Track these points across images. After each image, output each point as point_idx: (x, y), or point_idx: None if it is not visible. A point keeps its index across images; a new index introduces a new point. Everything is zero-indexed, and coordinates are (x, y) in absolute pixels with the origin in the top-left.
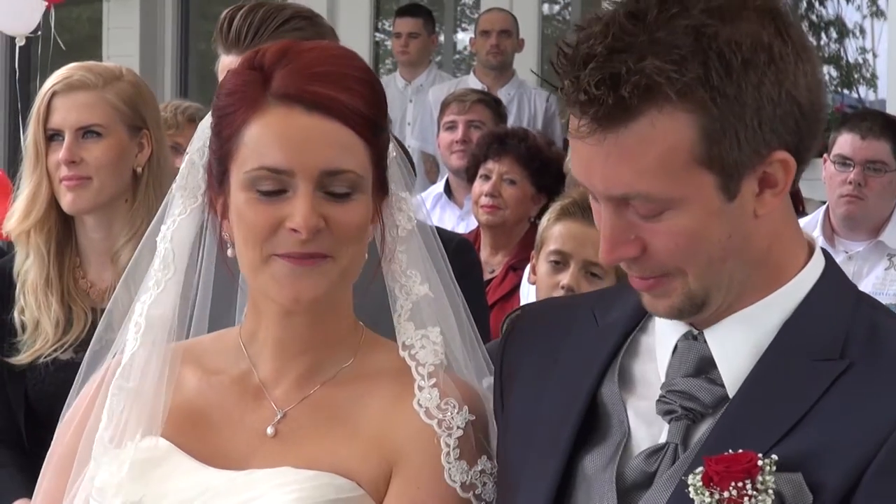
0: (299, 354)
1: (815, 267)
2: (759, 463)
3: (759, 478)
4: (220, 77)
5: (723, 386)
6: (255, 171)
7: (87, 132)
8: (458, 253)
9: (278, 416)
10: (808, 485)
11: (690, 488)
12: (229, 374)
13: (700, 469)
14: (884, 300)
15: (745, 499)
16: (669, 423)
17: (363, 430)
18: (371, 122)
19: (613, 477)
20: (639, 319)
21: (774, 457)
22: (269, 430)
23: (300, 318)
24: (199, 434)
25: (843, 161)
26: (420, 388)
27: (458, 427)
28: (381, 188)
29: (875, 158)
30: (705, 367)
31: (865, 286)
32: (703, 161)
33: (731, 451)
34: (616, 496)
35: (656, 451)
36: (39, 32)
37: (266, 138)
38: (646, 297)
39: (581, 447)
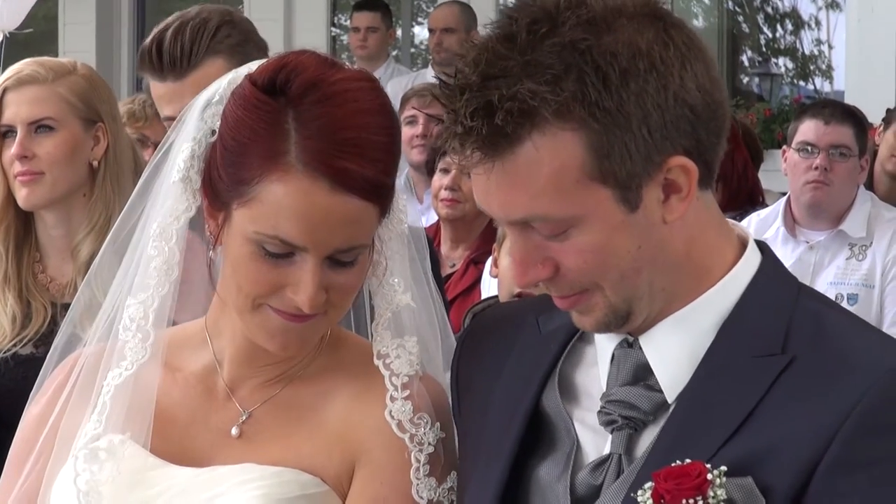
0: (270, 357)
1: (749, 263)
2: (709, 476)
3: (710, 492)
4: (159, 105)
5: (661, 392)
6: (265, 236)
7: (39, 126)
8: None
9: (243, 417)
10: (759, 487)
11: None
12: (194, 371)
13: (649, 485)
14: (845, 290)
15: None
16: (611, 433)
17: (327, 426)
18: (389, 188)
19: (568, 488)
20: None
21: (724, 468)
22: (234, 431)
23: None
24: (164, 433)
25: (808, 147)
26: (392, 399)
27: (430, 444)
28: (382, 217)
29: (839, 143)
30: (642, 373)
31: (827, 276)
32: (595, 176)
33: (677, 460)
34: None
35: (601, 464)
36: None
37: (285, 208)
38: (573, 314)
39: (530, 456)
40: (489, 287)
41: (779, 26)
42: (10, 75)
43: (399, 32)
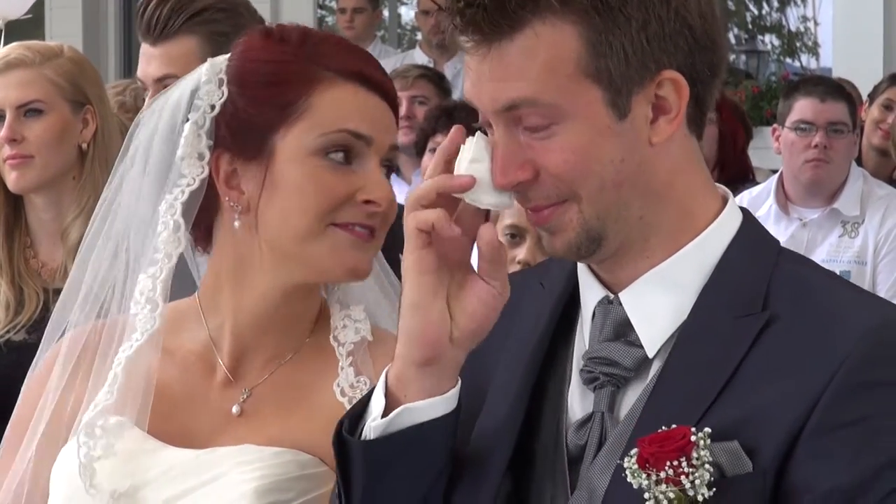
0: (270, 332)
1: (731, 220)
2: (693, 438)
3: (694, 454)
4: (143, 65)
5: (641, 346)
6: (333, 133)
7: (28, 110)
8: None
9: (244, 395)
10: (745, 450)
11: (627, 472)
12: (191, 350)
13: (635, 451)
14: (838, 267)
15: (683, 477)
16: (594, 391)
17: (326, 403)
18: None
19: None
20: (575, 282)
21: (708, 430)
22: (235, 409)
23: (298, 295)
24: (163, 413)
25: (805, 126)
26: (342, 369)
27: None
28: None
29: (836, 120)
30: (623, 329)
31: (820, 253)
32: (590, 73)
33: (664, 425)
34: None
35: (584, 423)
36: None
37: (345, 104)
38: (545, 237)
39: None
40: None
41: (765, 3)
42: None
43: (386, 13)
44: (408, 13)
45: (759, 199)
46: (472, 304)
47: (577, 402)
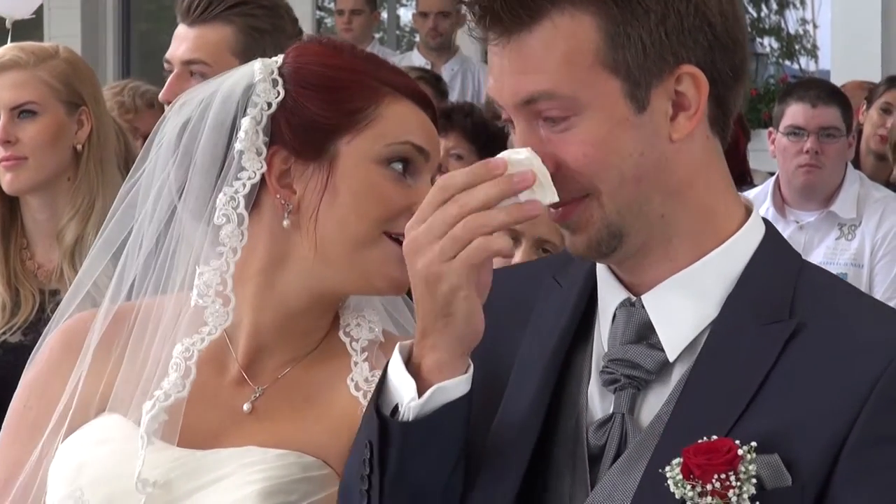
0: (290, 335)
1: (756, 230)
2: (740, 452)
3: (741, 467)
4: (174, 45)
5: (663, 350)
6: (400, 144)
7: (22, 111)
8: None
9: (256, 394)
10: (784, 462)
11: (670, 481)
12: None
13: (678, 460)
14: (834, 269)
15: (730, 490)
16: (614, 392)
17: (337, 403)
18: None
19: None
20: (594, 283)
21: (754, 444)
22: (246, 407)
23: (325, 303)
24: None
25: (797, 131)
26: (355, 364)
27: None
28: None
29: (828, 125)
30: (645, 332)
31: (816, 256)
32: (607, 64)
33: (694, 432)
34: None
35: (604, 423)
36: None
37: (409, 119)
38: (567, 236)
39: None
40: None
41: (763, 6)
42: None
43: (384, 14)
44: (406, 15)
45: (757, 202)
46: (484, 277)
47: (596, 401)
